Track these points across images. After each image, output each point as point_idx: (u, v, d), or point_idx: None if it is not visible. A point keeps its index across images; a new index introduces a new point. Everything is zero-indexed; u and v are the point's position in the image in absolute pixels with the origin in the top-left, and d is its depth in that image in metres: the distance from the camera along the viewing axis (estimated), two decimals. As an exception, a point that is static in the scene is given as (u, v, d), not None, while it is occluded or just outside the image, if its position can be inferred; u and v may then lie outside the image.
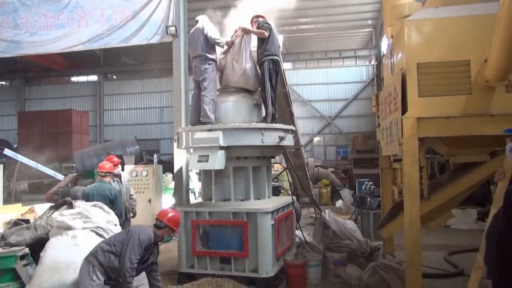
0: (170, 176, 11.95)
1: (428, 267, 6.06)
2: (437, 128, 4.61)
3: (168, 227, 4.31)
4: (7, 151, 15.04)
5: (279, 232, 5.73)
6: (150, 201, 9.18)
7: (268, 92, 5.88)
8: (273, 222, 5.52)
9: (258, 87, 6.22)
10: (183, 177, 6.82)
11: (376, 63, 24.44)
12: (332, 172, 18.67)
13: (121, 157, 11.09)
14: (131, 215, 6.93)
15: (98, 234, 4.73)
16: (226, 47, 6.30)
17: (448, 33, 4.64)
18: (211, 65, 5.97)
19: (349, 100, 24.90)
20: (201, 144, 5.45)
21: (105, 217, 5.02)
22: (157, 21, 7.14)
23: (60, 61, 26.71)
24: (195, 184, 12.01)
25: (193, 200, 9.39)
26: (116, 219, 5.19)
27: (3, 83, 31.34)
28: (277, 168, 14.87)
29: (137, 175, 9.45)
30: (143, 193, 9.25)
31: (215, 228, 5.61)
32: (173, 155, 7.08)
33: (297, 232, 6.85)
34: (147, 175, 9.45)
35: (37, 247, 4.83)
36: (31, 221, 5.52)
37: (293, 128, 6.42)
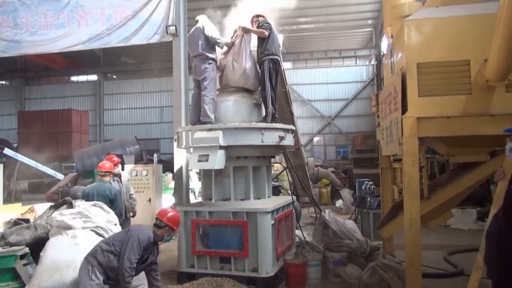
0: (170, 175, 11.94)
1: (428, 267, 6.06)
2: (437, 128, 4.61)
3: (168, 226, 4.30)
4: (7, 151, 15.02)
5: (279, 231, 5.73)
6: (150, 200, 9.16)
7: (268, 91, 5.88)
8: (273, 221, 5.52)
9: (258, 87, 6.22)
10: (183, 176, 6.82)
11: (376, 62, 24.44)
12: (332, 171, 18.67)
13: (121, 156, 11.07)
14: (131, 214, 6.93)
15: (98, 233, 4.74)
16: (225, 48, 6.30)
17: (448, 33, 4.64)
18: (211, 64, 5.97)
19: (349, 99, 24.90)
20: (201, 143, 5.46)
21: (105, 217, 5.02)
22: (157, 21, 7.14)
23: (60, 61, 26.71)
24: (195, 183, 12.00)
25: (193, 199, 9.38)
26: (116, 219, 5.19)
27: (3, 82, 31.33)
28: (277, 167, 14.87)
29: (137, 175, 9.42)
30: (143, 192, 9.23)
31: (215, 227, 5.61)
32: (173, 154, 7.09)
33: (297, 231, 6.85)
34: (147, 175, 9.42)
35: (37, 246, 4.84)
36: (31, 221, 5.52)
37: (293, 127, 6.42)
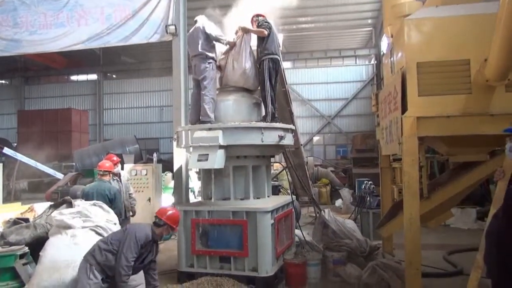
0: (169, 175, 11.94)
1: (427, 266, 6.06)
2: (437, 127, 4.61)
3: (167, 225, 4.28)
4: (6, 150, 15.00)
5: (278, 231, 5.72)
6: (149, 200, 9.15)
7: (267, 91, 5.87)
8: (272, 221, 5.52)
9: (258, 86, 6.21)
10: (183, 176, 6.82)
11: (375, 62, 24.44)
12: (331, 171, 18.68)
13: (120, 156, 11.08)
14: (131, 214, 6.93)
15: (97, 233, 4.73)
16: (227, 47, 6.29)
17: (448, 32, 4.64)
18: (211, 64, 5.97)
19: (349, 99, 24.90)
20: (201, 143, 5.45)
21: (105, 216, 5.01)
22: (156, 20, 7.14)
23: (59, 60, 26.72)
24: (195, 183, 12.01)
25: (192, 199, 9.38)
26: (115, 218, 5.19)
27: (3, 81, 31.34)
28: (276, 167, 14.88)
29: (136, 174, 9.41)
30: (142, 192, 9.22)
31: (214, 227, 5.60)
32: (172, 154, 7.09)
33: (297, 231, 6.85)
34: (146, 174, 9.41)
35: (37, 246, 4.83)
36: (31, 220, 5.52)
37: (293, 127, 6.41)
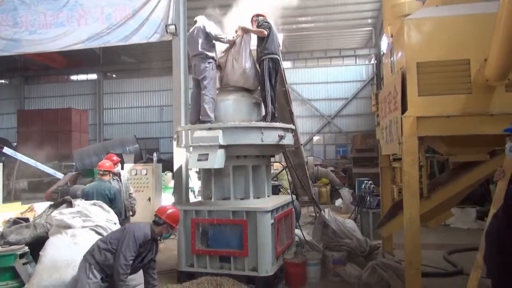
0: (169, 174, 11.93)
1: (427, 266, 6.06)
2: (437, 127, 4.61)
3: (166, 224, 4.26)
4: (6, 150, 15.01)
5: (278, 231, 5.72)
6: (149, 199, 9.14)
7: (267, 91, 5.87)
8: (272, 221, 5.52)
9: (257, 86, 6.21)
10: (183, 175, 6.82)
11: (375, 62, 24.44)
12: (331, 171, 18.69)
13: (120, 155, 11.07)
14: (131, 213, 6.93)
15: (97, 232, 4.73)
16: (226, 47, 6.29)
17: (448, 32, 4.64)
18: (211, 63, 5.97)
19: (349, 99, 24.90)
20: (201, 143, 5.45)
21: (105, 216, 5.01)
22: (156, 20, 7.14)
23: (59, 60, 26.72)
24: (195, 183, 12.01)
25: (192, 199, 9.38)
26: (115, 218, 5.19)
27: (3, 81, 31.34)
28: (276, 167, 14.89)
29: (136, 174, 9.40)
30: (142, 191, 9.21)
31: (214, 227, 5.60)
32: (172, 154, 7.09)
33: (297, 231, 6.85)
34: (146, 174, 9.40)
35: (37, 245, 4.83)
36: (31, 220, 5.52)
37: (293, 127, 6.41)
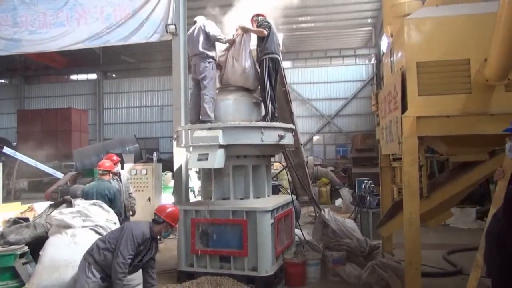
0: (169, 174, 11.92)
1: (427, 266, 6.06)
2: (437, 127, 4.61)
3: (166, 222, 4.26)
4: (6, 149, 15.02)
5: (278, 230, 5.72)
6: (149, 199, 9.12)
7: (267, 90, 5.87)
8: (272, 220, 5.52)
9: (257, 86, 6.21)
10: (183, 175, 6.82)
11: (375, 62, 24.43)
12: (331, 171, 18.68)
13: (120, 155, 11.05)
14: (131, 213, 6.93)
15: (97, 232, 4.73)
16: (225, 46, 6.29)
17: (448, 32, 4.63)
18: (210, 63, 5.97)
19: (349, 99, 24.89)
20: (201, 142, 5.45)
21: (105, 216, 5.02)
22: (156, 20, 7.13)
23: (59, 59, 26.72)
24: (195, 182, 12.00)
25: (192, 198, 9.37)
26: (115, 218, 5.19)
27: (3, 81, 31.35)
28: (276, 166, 14.87)
29: (136, 174, 9.38)
30: (142, 191, 9.19)
31: (214, 226, 5.60)
32: (172, 153, 7.09)
33: (297, 230, 6.85)
34: (146, 174, 9.39)
35: (37, 245, 4.84)
36: (31, 220, 5.52)
37: (293, 126, 6.41)
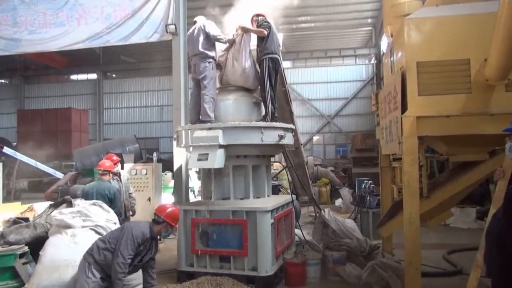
0: (169, 174, 11.92)
1: (427, 265, 6.06)
2: (437, 127, 4.61)
3: (166, 222, 4.26)
4: (6, 149, 15.02)
5: (278, 230, 5.72)
6: (149, 199, 9.12)
7: (267, 90, 5.86)
8: (272, 220, 5.52)
9: (257, 86, 6.21)
10: (183, 175, 6.82)
11: (375, 61, 24.44)
12: (331, 171, 18.67)
13: (120, 155, 11.05)
14: (131, 213, 6.93)
15: (97, 232, 4.73)
16: (225, 46, 6.28)
17: (448, 31, 4.63)
18: (211, 63, 5.97)
19: (349, 99, 24.89)
20: (201, 142, 5.45)
21: (105, 216, 5.02)
22: (156, 20, 7.13)
23: (59, 59, 26.73)
24: (195, 182, 11.99)
25: (192, 198, 9.37)
26: (115, 218, 5.19)
27: (2, 81, 31.35)
28: (276, 166, 14.86)
29: (136, 174, 9.37)
30: (142, 191, 9.19)
31: (214, 226, 5.60)
32: (172, 153, 7.09)
33: (297, 230, 6.85)
34: (146, 174, 9.38)
35: (37, 245, 4.84)
36: (31, 220, 5.52)
37: (293, 126, 6.41)
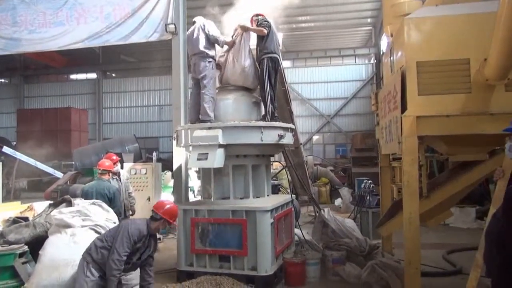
0: (169, 174, 11.91)
1: (426, 265, 6.06)
2: (437, 126, 4.61)
3: (163, 219, 4.23)
4: (6, 149, 15.02)
5: (278, 230, 5.72)
6: (149, 199, 9.13)
7: (267, 90, 5.86)
8: (272, 220, 5.52)
9: (257, 85, 6.21)
10: (182, 175, 6.82)
11: (375, 61, 24.44)
12: (331, 170, 18.67)
13: (120, 155, 11.07)
14: (130, 213, 6.93)
15: (97, 232, 4.72)
16: (226, 47, 6.28)
17: (448, 31, 4.63)
18: (210, 62, 5.97)
19: (349, 98, 24.90)
20: (201, 142, 5.45)
21: (104, 215, 5.01)
22: (156, 19, 7.13)
23: (59, 59, 26.72)
24: (194, 182, 12.00)
25: (192, 198, 9.37)
26: (115, 217, 5.18)
27: (2, 80, 31.33)
28: (276, 166, 14.87)
29: (136, 173, 9.38)
30: (142, 191, 9.19)
31: (214, 226, 5.60)
32: (172, 153, 7.08)
33: (296, 230, 6.86)
34: (146, 173, 9.39)
35: (36, 245, 4.83)
36: (30, 219, 5.51)
37: (292, 126, 6.41)
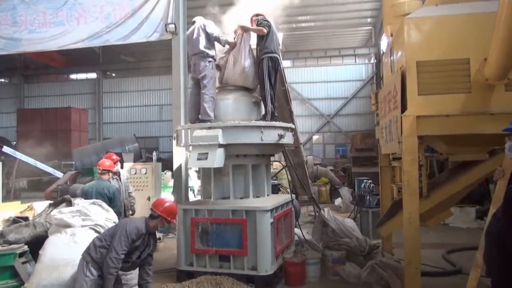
0: (169, 174, 11.91)
1: (426, 265, 6.06)
2: (437, 126, 4.61)
3: (161, 217, 4.23)
4: (5, 149, 15.03)
5: (278, 230, 5.73)
6: (149, 199, 9.13)
7: (267, 90, 5.86)
8: (272, 220, 5.52)
9: (257, 85, 6.21)
10: (182, 175, 6.82)
11: (375, 61, 24.45)
12: (331, 170, 18.67)
13: (120, 154, 11.07)
14: (130, 213, 6.93)
15: (97, 231, 4.73)
16: (227, 47, 6.28)
17: (448, 31, 4.63)
18: (210, 62, 5.97)
19: (349, 98, 24.90)
20: (201, 142, 5.45)
21: (104, 215, 5.01)
22: (156, 19, 7.13)
23: (59, 59, 26.72)
24: (194, 182, 12.00)
25: (192, 198, 9.38)
26: (115, 217, 5.18)
27: (2, 80, 31.32)
28: (276, 166, 14.87)
29: (136, 173, 9.38)
30: (142, 191, 9.20)
31: (214, 226, 5.60)
32: (172, 153, 7.09)
33: (296, 230, 6.86)
34: (146, 173, 9.39)
35: (36, 244, 4.83)
36: (30, 219, 5.51)
37: (293, 126, 6.41)
